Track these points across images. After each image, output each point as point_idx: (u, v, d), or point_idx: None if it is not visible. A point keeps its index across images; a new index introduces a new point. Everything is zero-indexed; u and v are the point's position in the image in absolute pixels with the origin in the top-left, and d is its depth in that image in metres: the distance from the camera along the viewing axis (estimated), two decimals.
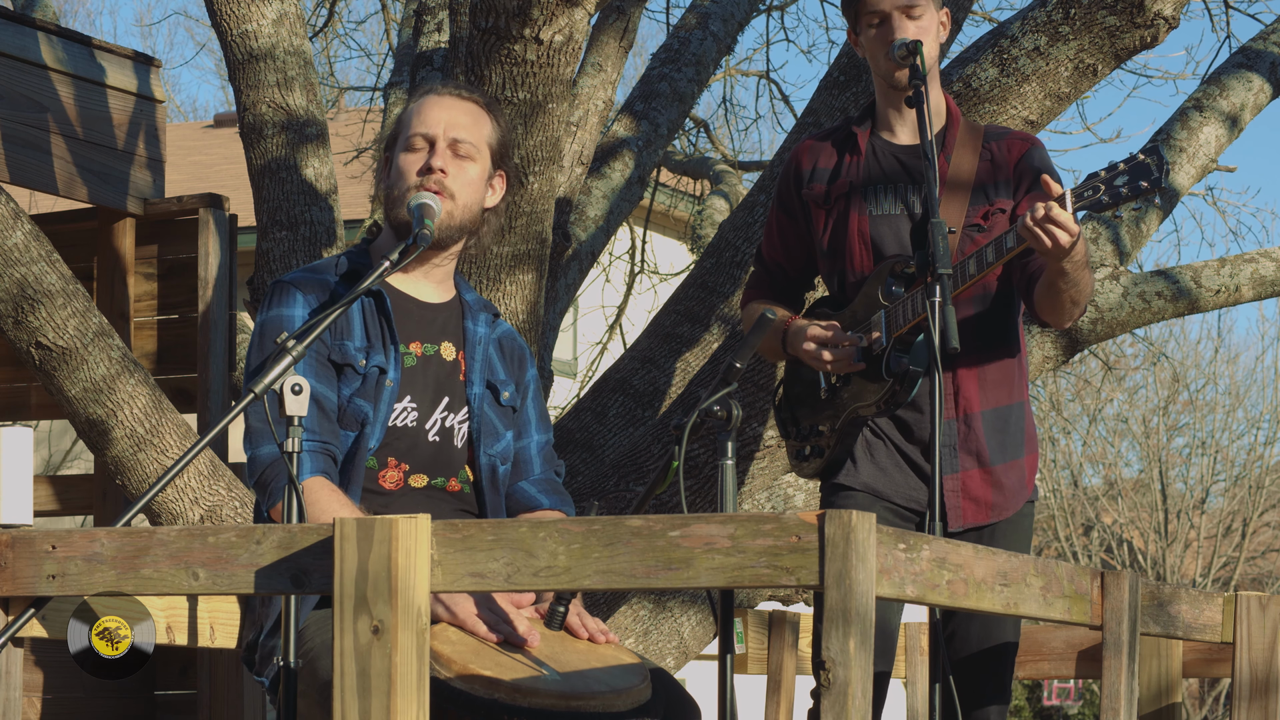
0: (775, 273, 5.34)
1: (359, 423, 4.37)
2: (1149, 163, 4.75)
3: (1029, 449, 5.18)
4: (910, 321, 4.97)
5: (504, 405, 4.55)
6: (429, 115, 4.51)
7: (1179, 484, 28.31)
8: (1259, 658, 5.00)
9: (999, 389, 5.11)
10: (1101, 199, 4.78)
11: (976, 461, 5.08)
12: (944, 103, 5.17)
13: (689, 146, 14.06)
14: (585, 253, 8.51)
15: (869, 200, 5.11)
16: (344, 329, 4.40)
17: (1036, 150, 5.13)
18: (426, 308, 4.50)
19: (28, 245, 6.00)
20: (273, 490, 4.29)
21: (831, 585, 3.46)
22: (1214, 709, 27.67)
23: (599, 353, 14.44)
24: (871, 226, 5.09)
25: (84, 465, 16.73)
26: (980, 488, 5.09)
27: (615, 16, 8.34)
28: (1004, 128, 5.26)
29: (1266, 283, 8.25)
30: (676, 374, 7.33)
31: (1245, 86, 8.12)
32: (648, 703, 4.11)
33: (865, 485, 5.10)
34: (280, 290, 4.43)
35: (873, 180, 5.12)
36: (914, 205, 5.07)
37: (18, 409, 8.07)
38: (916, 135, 5.10)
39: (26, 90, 7.51)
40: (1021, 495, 5.15)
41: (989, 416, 5.09)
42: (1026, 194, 5.07)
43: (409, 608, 3.62)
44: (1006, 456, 5.11)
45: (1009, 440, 5.12)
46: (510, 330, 4.65)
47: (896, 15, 5.05)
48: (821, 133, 5.31)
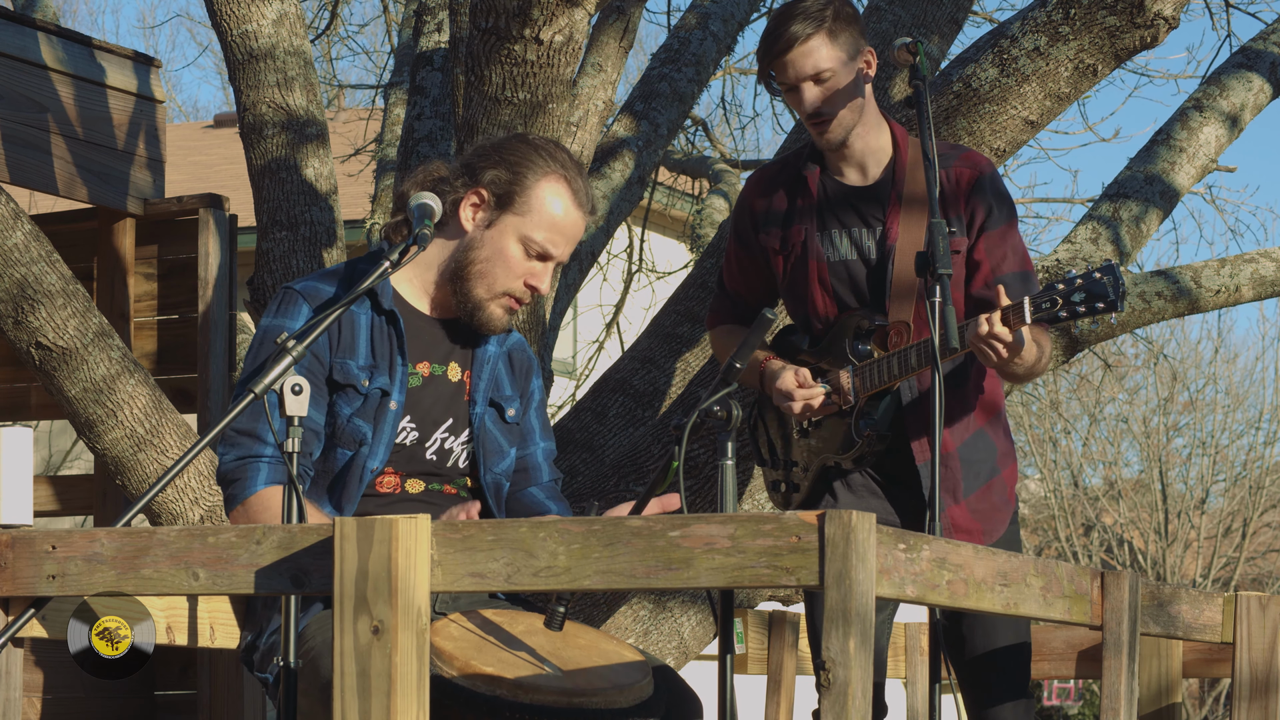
0: (737, 301, 5.35)
1: (356, 442, 4.36)
2: (1105, 282, 4.75)
3: (1004, 463, 5.18)
4: (877, 387, 5.01)
5: (509, 423, 4.54)
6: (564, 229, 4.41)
7: (1179, 484, 28.30)
8: (1259, 658, 5.00)
9: (964, 420, 5.13)
10: (1058, 314, 4.79)
11: (953, 498, 5.10)
12: (888, 134, 5.11)
13: (688, 146, 14.06)
14: (585, 252, 8.52)
15: (825, 245, 5.09)
16: (348, 346, 4.37)
17: (984, 179, 5.06)
18: (438, 326, 4.47)
19: (28, 245, 6.00)
20: (229, 497, 4.31)
21: (831, 585, 3.47)
22: (1214, 709, 27.67)
23: (596, 351, 14.43)
24: (830, 273, 5.09)
25: (84, 465, 16.73)
26: (966, 519, 5.12)
27: (615, 16, 8.34)
28: (950, 147, 5.17)
29: (1266, 283, 8.25)
30: (676, 374, 7.33)
31: (1245, 86, 8.12)
32: (650, 699, 4.12)
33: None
34: (289, 299, 4.40)
35: (826, 225, 5.10)
36: (869, 250, 5.06)
37: (18, 409, 8.07)
38: (864, 176, 5.09)
39: (26, 90, 7.51)
40: (1006, 511, 5.18)
41: (962, 451, 5.11)
42: (981, 233, 5.04)
43: (409, 608, 3.62)
44: (982, 480, 5.13)
45: (982, 465, 5.14)
46: (520, 341, 4.63)
47: (805, 85, 5.01)
48: (772, 168, 5.26)
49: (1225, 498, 28.50)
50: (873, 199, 5.07)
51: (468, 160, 4.45)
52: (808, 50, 4.98)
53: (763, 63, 5.08)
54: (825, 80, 5.00)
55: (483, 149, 4.46)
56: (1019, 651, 5.13)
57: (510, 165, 4.40)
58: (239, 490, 4.29)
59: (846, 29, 5.02)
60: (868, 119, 5.07)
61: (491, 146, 4.45)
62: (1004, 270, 5.02)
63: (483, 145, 4.47)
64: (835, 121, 5.01)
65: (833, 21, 4.99)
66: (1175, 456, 28.67)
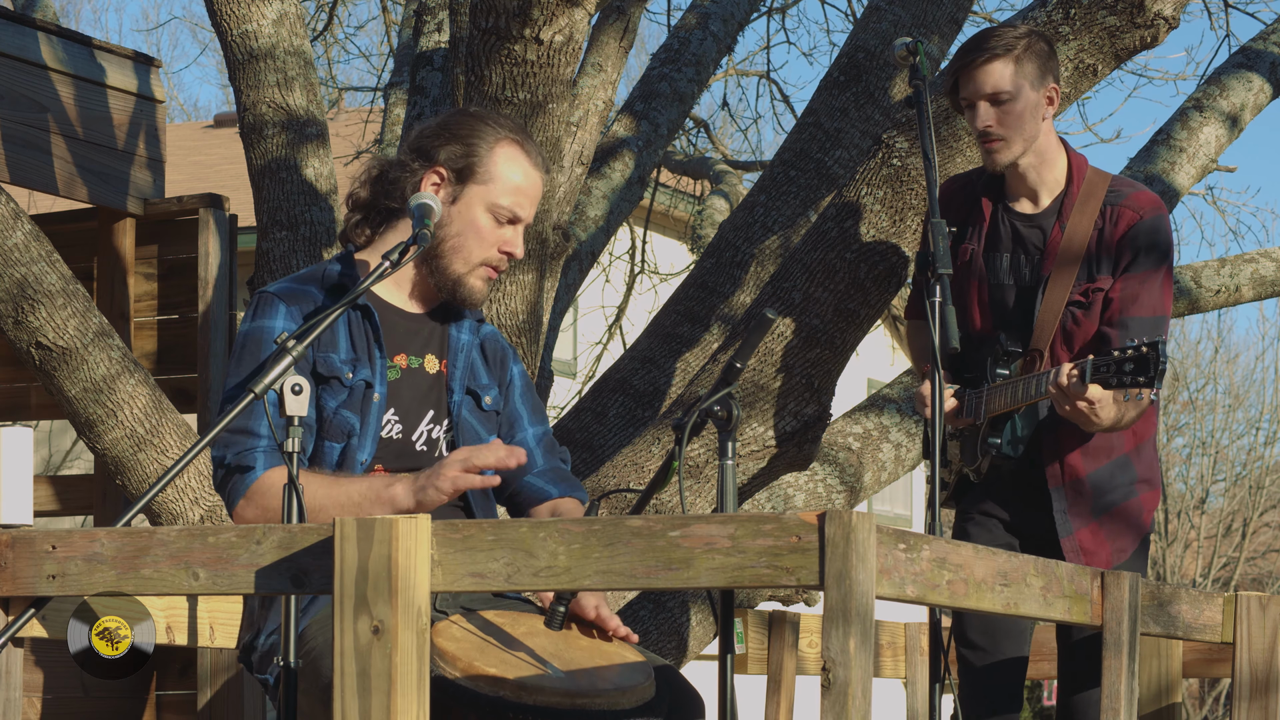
0: None
1: (345, 434, 4.36)
2: (1149, 358, 4.91)
3: (1144, 489, 5.32)
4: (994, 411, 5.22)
5: (486, 410, 4.54)
6: (528, 191, 4.46)
7: (1179, 484, 28.30)
8: (1259, 658, 5.00)
9: (1104, 447, 5.25)
10: (1110, 380, 4.95)
11: (1084, 521, 5.26)
12: (1064, 166, 5.28)
13: (689, 146, 14.06)
14: (585, 253, 8.52)
15: (989, 267, 5.29)
16: (329, 341, 4.38)
17: (1144, 224, 5.21)
18: (412, 319, 4.48)
19: (28, 245, 6.00)
20: (230, 492, 4.31)
21: (831, 585, 3.47)
22: (1214, 709, 27.67)
23: (599, 353, 14.43)
24: (990, 295, 5.28)
25: (84, 465, 16.73)
26: (1094, 543, 5.26)
27: (615, 16, 8.34)
28: (1125, 185, 5.32)
29: (1266, 283, 8.25)
30: (676, 374, 7.33)
31: (1245, 86, 8.12)
32: (652, 700, 4.12)
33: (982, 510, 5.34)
34: (264, 302, 4.41)
35: (992, 248, 5.29)
36: (1025, 276, 5.25)
37: (18, 409, 8.07)
38: (1036, 204, 5.27)
39: (26, 90, 7.51)
40: (1139, 534, 5.32)
41: (1093, 479, 5.25)
42: (1123, 273, 5.18)
43: (409, 608, 3.62)
44: (1115, 503, 5.27)
45: (1118, 491, 5.28)
46: (493, 332, 4.64)
47: (981, 104, 5.20)
48: (958, 180, 5.46)
49: (1225, 498, 28.51)
50: (1036, 227, 5.26)
51: (415, 144, 4.48)
52: (990, 70, 5.19)
53: (949, 75, 5.30)
54: (1002, 102, 5.19)
55: (426, 131, 4.50)
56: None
57: (461, 139, 4.44)
58: (240, 481, 4.29)
59: (1036, 61, 5.22)
60: (1041, 150, 5.25)
61: (437, 126, 4.50)
62: (1131, 313, 5.18)
63: (425, 127, 4.51)
64: (1004, 144, 5.20)
65: (1023, 51, 5.20)
66: (1175, 456, 28.68)
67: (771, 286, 6.24)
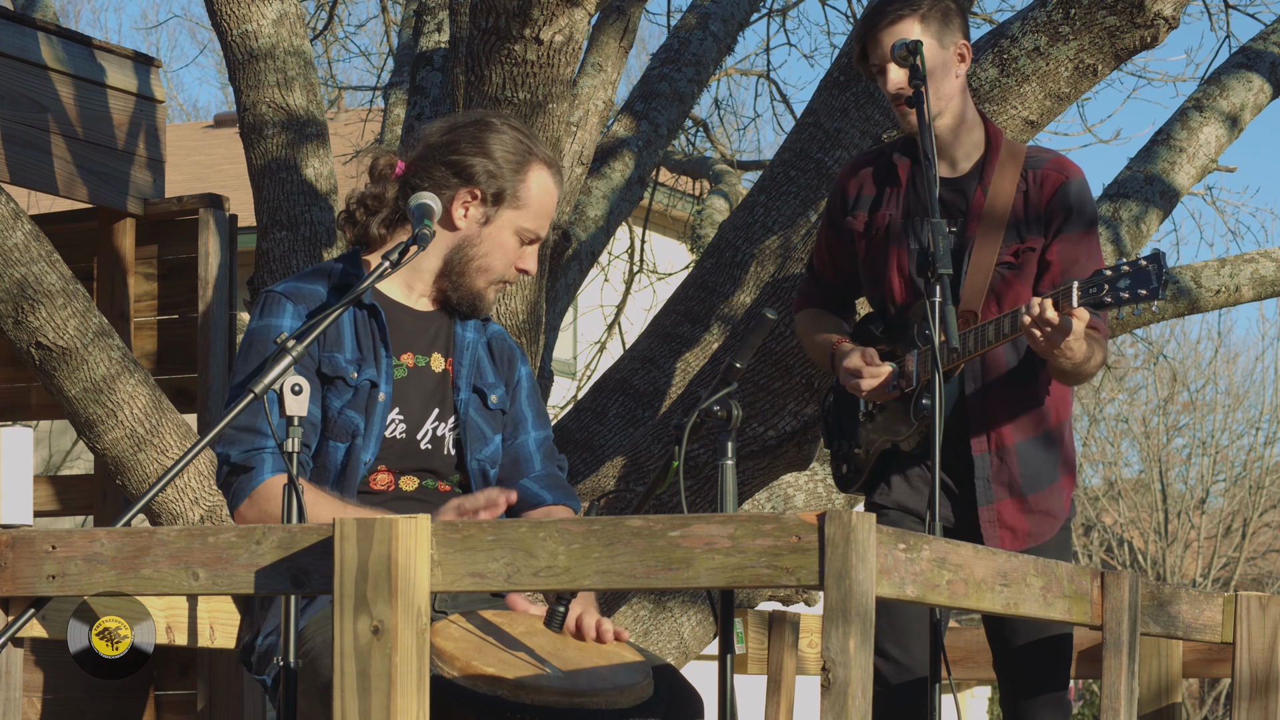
0: (825, 284, 5.40)
1: (349, 434, 4.36)
2: (1150, 270, 4.82)
3: (1064, 471, 5.22)
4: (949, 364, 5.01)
5: (492, 409, 4.55)
6: (551, 212, 4.51)
7: (1179, 484, 28.30)
8: (1259, 658, 5.00)
9: (1031, 419, 5.16)
10: (1104, 299, 4.84)
11: (1009, 492, 5.14)
12: (981, 131, 5.17)
13: (689, 146, 14.06)
14: (585, 253, 8.52)
15: (908, 234, 5.15)
16: (334, 340, 4.39)
17: (1071, 185, 5.13)
18: (419, 317, 4.49)
19: (28, 245, 6.00)
20: (235, 492, 4.32)
21: (831, 585, 3.47)
22: (1214, 709, 27.67)
23: (598, 352, 14.43)
24: (910, 261, 5.14)
25: (84, 465, 16.73)
26: (1014, 517, 5.14)
27: (615, 16, 8.34)
28: (1044, 152, 5.23)
29: (1266, 283, 8.25)
30: (676, 374, 7.33)
31: (1245, 86, 8.12)
32: (650, 700, 4.12)
33: (897, 503, 5.18)
34: (271, 301, 4.42)
35: (911, 213, 5.16)
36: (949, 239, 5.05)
37: (18, 409, 8.07)
38: (955, 168, 5.15)
39: (26, 90, 7.51)
40: (1059, 518, 5.21)
41: (1023, 448, 5.15)
42: (1056, 235, 5.09)
43: (409, 608, 3.62)
44: (1042, 484, 5.17)
45: (1044, 468, 5.17)
46: (500, 331, 4.65)
47: (890, 66, 5.05)
48: (869, 155, 5.33)
49: (1225, 498, 28.50)
50: (958, 191, 5.13)
51: (449, 156, 4.45)
52: (895, 31, 5.05)
53: (857, 42, 5.17)
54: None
55: (460, 140, 4.46)
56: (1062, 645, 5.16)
57: (498, 159, 4.45)
58: (245, 482, 4.29)
59: (941, 18, 5.08)
60: (957, 111, 5.12)
61: (472, 138, 4.47)
62: (1074, 273, 5.06)
63: (459, 135, 4.47)
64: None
65: (928, 8, 5.07)
66: (1175, 456, 28.68)
67: (772, 286, 6.25)
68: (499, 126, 4.49)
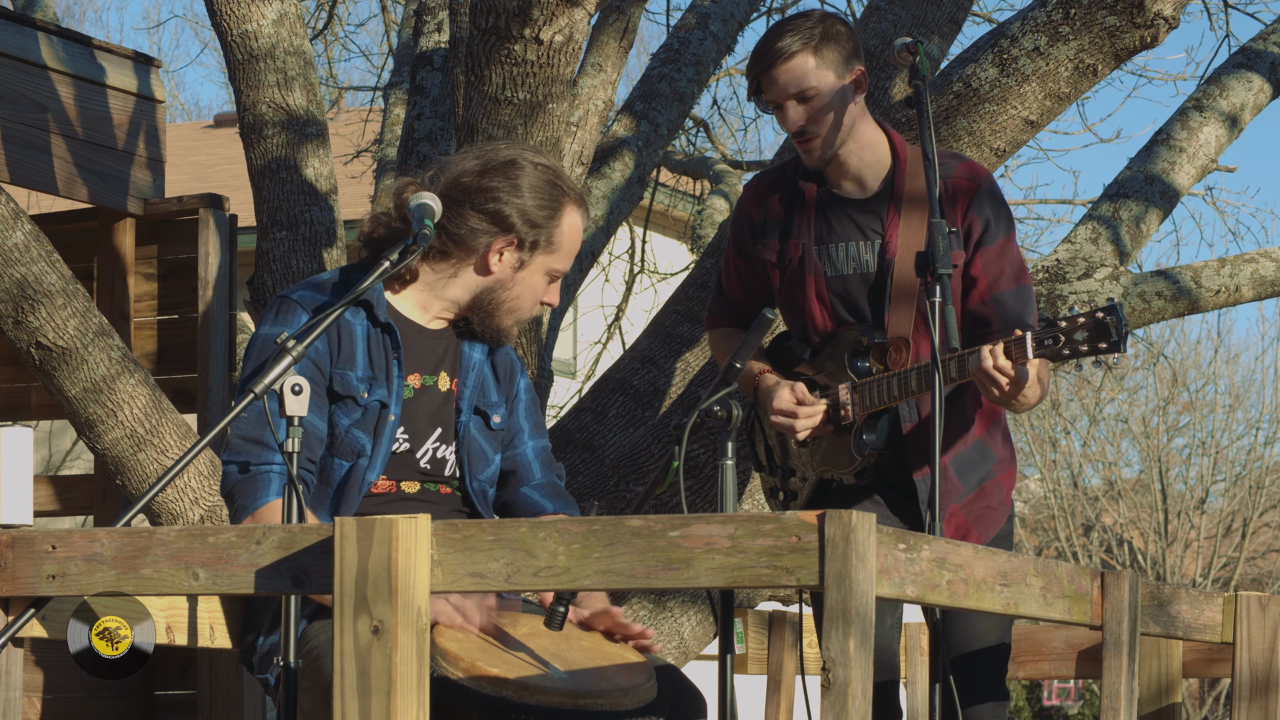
0: (737, 305, 5.31)
1: (354, 454, 4.37)
2: (1108, 323, 4.70)
3: (1000, 468, 5.17)
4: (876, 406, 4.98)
5: (494, 430, 4.55)
6: (575, 249, 4.55)
7: (1179, 484, 28.30)
8: (1259, 658, 5.00)
9: (957, 433, 5.11)
10: (1061, 351, 4.74)
11: (947, 507, 5.08)
12: (886, 145, 5.06)
13: (689, 146, 14.06)
14: (585, 253, 8.51)
15: (823, 260, 5.06)
16: (348, 357, 4.38)
17: (981, 191, 5.01)
18: (429, 335, 4.49)
19: (28, 245, 6.00)
20: (238, 508, 4.31)
21: (831, 585, 3.47)
22: (1214, 709, 27.67)
23: (599, 352, 14.43)
24: (829, 288, 5.05)
25: (84, 465, 16.73)
26: (960, 522, 5.12)
27: (615, 16, 8.34)
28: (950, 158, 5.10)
29: (1266, 283, 8.25)
30: (676, 374, 7.33)
31: (1245, 86, 8.12)
32: (653, 701, 4.12)
33: None
34: (285, 307, 4.40)
35: (824, 239, 5.06)
36: (868, 264, 5.02)
37: (18, 409, 8.07)
38: (863, 189, 5.04)
39: (26, 90, 7.51)
40: (1002, 512, 5.18)
41: (957, 463, 5.10)
42: (978, 248, 4.99)
43: (409, 608, 3.62)
44: (974, 484, 5.13)
45: (976, 471, 5.14)
46: (505, 347, 4.65)
47: (789, 104, 4.97)
48: (770, 175, 5.21)
49: (1225, 498, 28.50)
50: (871, 212, 5.03)
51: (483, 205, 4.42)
52: (791, 68, 4.94)
53: (750, 79, 5.06)
54: (809, 99, 4.95)
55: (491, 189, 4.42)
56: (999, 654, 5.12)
57: (531, 207, 4.43)
58: (248, 501, 4.29)
59: (834, 47, 4.97)
60: (860, 135, 5.02)
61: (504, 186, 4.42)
62: (1000, 288, 4.99)
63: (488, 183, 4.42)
64: (820, 140, 4.97)
65: (820, 40, 4.95)
66: (1175, 456, 28.68)
67: None
68: (530, 168, 4.45)
